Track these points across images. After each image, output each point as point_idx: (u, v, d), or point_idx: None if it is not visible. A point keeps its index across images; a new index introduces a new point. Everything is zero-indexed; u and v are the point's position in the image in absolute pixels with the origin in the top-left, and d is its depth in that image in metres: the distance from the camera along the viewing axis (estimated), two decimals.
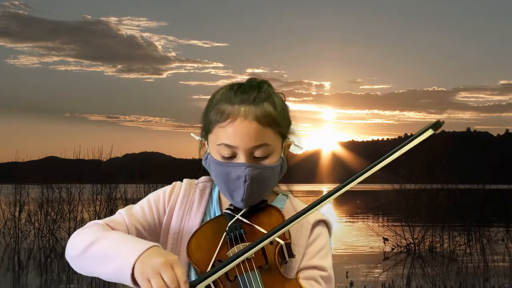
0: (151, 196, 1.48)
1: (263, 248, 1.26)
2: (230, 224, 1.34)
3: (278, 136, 1.36)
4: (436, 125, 1.11)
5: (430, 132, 1.12)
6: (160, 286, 1.11)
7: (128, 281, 1.18)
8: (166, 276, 1.12)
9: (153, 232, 1.42)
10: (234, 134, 1.30)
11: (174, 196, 1.46)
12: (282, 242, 1.27)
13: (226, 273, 1.22)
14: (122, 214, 1.41)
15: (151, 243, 1.21)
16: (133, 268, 1.16)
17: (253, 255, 1.25)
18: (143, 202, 1.45)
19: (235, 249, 1.28)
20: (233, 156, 1.32)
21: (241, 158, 1.31)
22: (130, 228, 1.38)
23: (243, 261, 1.23)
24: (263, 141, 1.31)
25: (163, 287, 1.11)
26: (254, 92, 1.34)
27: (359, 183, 1.22)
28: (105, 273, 1.23)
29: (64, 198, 15.12)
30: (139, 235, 1.38)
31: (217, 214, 1.44)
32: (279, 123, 1.35)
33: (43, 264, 10.90)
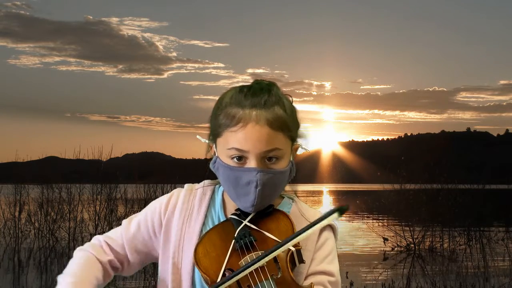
0: (149, 208, 1.49)
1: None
2: (239, 231, 1.31)
3: (288, 140, 1.34)
4: (342, 209, 1.17)
5: (336, 215, 1.17)
6: None
7: None
8: None
9: (149, 246, 1.46)
10: (246, 139, 1.28)
11: (172, 205, 1.46)
12: (293, 248, 1.25)
13: (238, 283, 1.20)
14: (122, 228, 1.48)
15: None
16: None
17: (265, 263, 1.23)
18: (141, 216, 1.48)
19: (248, 258, 1.25)
20: (244, 160, 1.31)
21: (252, 163, 1.29)
22: (126, 244, 1.44)
23: (256, 270, 1.21)
24: (274, 146, 1.30)
25: None
26: (265, 95, 1.32)
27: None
28: None
29: (64, 198, 15.12)
30: (135, 249, 1.45)
31: (221, 219, 1.42)
32: (289, 126, 1.34)
33: (43, 264, 10.90)
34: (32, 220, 15.06)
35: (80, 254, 1.42)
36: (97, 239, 1.46)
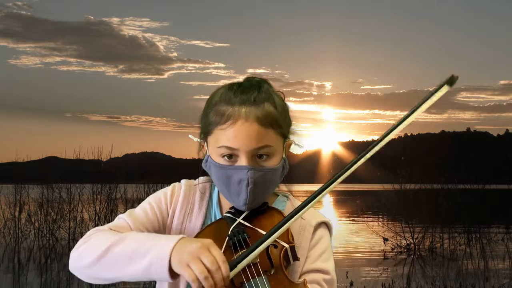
0: (152, 198, 1.44)
1: (268, 252, 1.24)
2: (232, 228, 1.31)
3: (279, 137, 1.33)
4: (452, 80, 1.10)
5: (446, 88, 1.11)
6: (201, 270, 1.10)
7: (164, 273, 1.15)
8: (205, 258, 1.11)
9: (158, 232, 1.39)
10: (235, 136, 1.27)
11: (175, 198, 1.43)
12: (286, 245, 1.25)
13: (232, 280, 1.19)
14: (124, 218, 1.37)
15: (180, 235, 1.19)
16: (169, 260, 1.14)
17: (258, 260, 1.22)
18: (145, 205, 1.42)
19: (240, 254, 1.24)
20: (234, 158, 1.30)
21: (242, 161, 1.28)
22: (135, 229, 1.35)
23: (249, 267, 1.21)
24: (264, 143, 1.29)
25: (204, 271, 1.10)
26: (255, 92, 1.31)
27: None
28: (133, 273, 1.19)
29: (64, 198, 15.09)
30: None
31: (217, 217, 1.41)
32: (280, 123, 1.32)
33: (43, 264, 10.89)
34: (32, 220, 15.04)
35: (95, 237, 1.29)
36: (98, 228, 1.34)
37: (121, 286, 8.69)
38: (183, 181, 1.49)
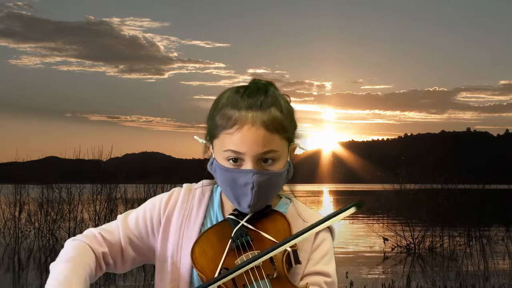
0: (148, 204, 1.47)
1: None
2: (236, 231, 1.31)
3: (284, 141, 1.34)
4: (359, 204, 1.17)
5: (353, 209, 1.17)
6: None
7: None
8: None
9: (146, 241, 1.44)
10: (241, 141, 1.28)
11: (172, 203, 1.45)
12: (289, 249, 1.25)
13: (234, 282, 1.20)
14: (118, 221, 1.44)
15: None
16: None
17: (261, 263, 1.23)
18: (139, 210, 1.46)
19: (244, 257, 1.26)
20: (240, 162, 1.31)
21: (248, 165, 1.29)
22: (123, 237, 1.41)
23: (252, 270, 1.22)
24: (270, 148, 1.30)
25: None
26: (261, 96, 1.31)
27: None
28: None
29: (64, 198, 15.10)
30: (132, 243, 1.42)
31: (219, 219, 1.42)
32: (286, 128, 1.33)
33: (43, 264, 10.89)
34: (32, 220, 15.05)
35: (73, 243, 1.37)
36: (90, 231, 1.41)
37: (121, 284, 8.70)
38: (184, 185, 1.50)
